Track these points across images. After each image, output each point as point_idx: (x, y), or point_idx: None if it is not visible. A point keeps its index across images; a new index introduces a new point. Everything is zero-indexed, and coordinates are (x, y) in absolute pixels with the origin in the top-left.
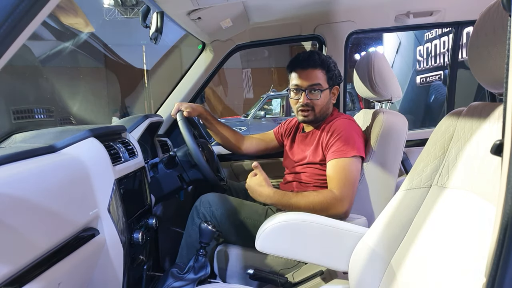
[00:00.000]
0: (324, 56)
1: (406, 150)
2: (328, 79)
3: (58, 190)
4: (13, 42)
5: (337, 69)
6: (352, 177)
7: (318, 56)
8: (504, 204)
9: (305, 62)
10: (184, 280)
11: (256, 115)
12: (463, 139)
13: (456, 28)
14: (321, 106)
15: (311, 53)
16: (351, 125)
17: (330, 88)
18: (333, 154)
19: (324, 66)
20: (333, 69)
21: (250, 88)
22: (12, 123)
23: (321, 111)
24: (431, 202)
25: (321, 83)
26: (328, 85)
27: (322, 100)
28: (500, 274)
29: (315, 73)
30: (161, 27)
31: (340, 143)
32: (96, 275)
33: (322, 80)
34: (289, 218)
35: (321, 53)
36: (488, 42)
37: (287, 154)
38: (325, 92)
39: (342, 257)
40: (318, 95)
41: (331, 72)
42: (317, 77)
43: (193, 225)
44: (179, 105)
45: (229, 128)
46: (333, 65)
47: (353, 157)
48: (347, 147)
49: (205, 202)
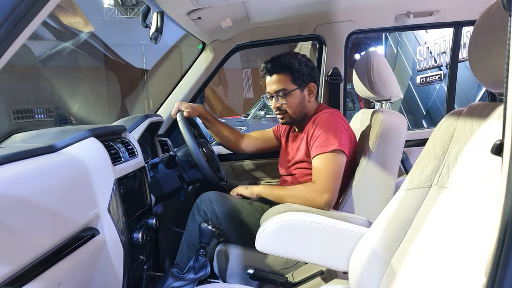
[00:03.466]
0: (286, 57)
1: (406, 150)
2: (294, 79)
3: (58, 190)
4: (13, 42)
5: (304, 67)
6: (332, 169)
7: (278, 60)
8: (504, 204)
9: (267, 69)
10: (184, 280)
11: (256, 115)
12: (463, 139)
13: (456, 28)
14: (293, 107)
15: (271, 60)
16: (333, 118)
17: (301, 87)
18: (315, 150)
19: (286, 68)
20: (299, 68)
21: (250, 88)
22: (12, 123)
23: (296, 111)
24: (431, 202)
25: (285, 86)
26: (295, 85)
27: (292, 102)
28: (500, 274)
29: (278, 78)
30: (161, 27)
31: (321, 139)
32: (96, 275)
33: (286, 83)
34: (289, 218)
35: (284, 55)
36: (488, 42)
37: (282, 153)
38: (293, 94)
39: (342, 257)
40: (285, 99)
41: (296, 72)
42: (280, 82)
43: (194, 222)
44: (179, 105)
45: (229, 128)
46: (299, 63)
47: (333, 151)
48: (328, 142)
49: (206, 199)
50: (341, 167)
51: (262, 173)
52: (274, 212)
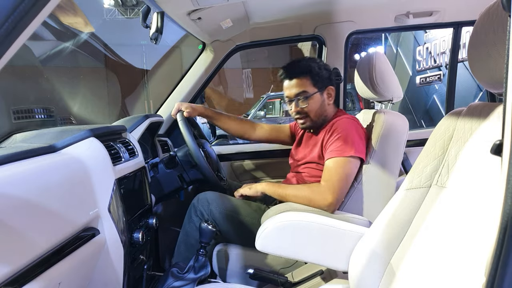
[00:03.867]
0: (305, 61)
1: (406, 150)
2: (315, 83)
3: (58, 190)
4: (13, 42)
5: (324, 70)
6: (343, 174)
7: (298, 63)
8: (504, 204)
9: (288, 72)
10: (184, 279)
11: (256, 115)
12: (463, 139)
13: (456, 28)
14: (314, 110)
15: (291, 63)
16: (352, 125)
17: (321, 90)
18: (330, 153)
19: (306, 72)
20: (318, 71)
21: (250, 88)
22: (12, 123)
23: (317, 115)
24: (430, 202)
25: (306, 89)
26: (316, 88)
27: (313, 105)
28: (500, 274)
29: (299, 82)
30: (161, 27)
31: (338, 143)
32: (96, 275)
33: (308, 86)
34: (290, 218)
35: (303, 59)
36: (488, 42)
37: (293, 152)
38: (314, 97)
39: (342, 257)
40: (306, 102)
41: (316, 75)
42: (301, 85)
43: (190, 222)
44: (179, 105)
45: (235, 119)
46: (318, 67)
47: (349, 157)
48: (345, 147)
49: (203, 200)
50: (352, 173)
51: (262, 173)
52: (274, 212)
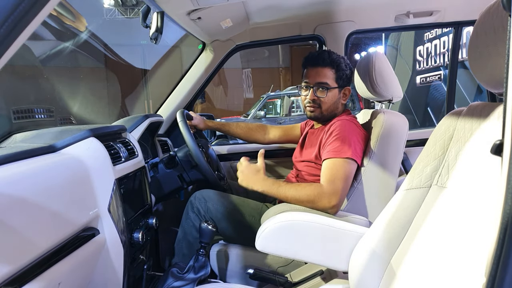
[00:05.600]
0: (336, 55)
1: (406, 150)
2: (338, 78)
3: (58, 190)
4: (13, 42)
5: (348, 69)
6: (342, 174)
7: (329, 55)
8: (504, 204)
9: (315, 60)
10: (184, 279)
11: (256, 115)
12: (463, 139)
13: (456, 28)
14: (328, 104)
15: (322, 52)
16: (350, 126)
17: (340, 88)
18: (328, 153)
19: (333, 65)
20: (344, 69)
21: (250, 88)
22: (12, 123)
23: (328, 109)
24: (431, 202)
25: (328, 82)
26: (337, 84)
27: (329, 98)
28: (500, 274)
29: (323, 71)
30: (161, 27)
31: (336, 143)
32: (96, 275)
33: (331, 79)
34: (290, 218)
35: (334, 53)
36: (488, 42)
37: (296, 150)
38: (333, 91)
39: (342, 257)
40: (325, 93)
41: (341, 71)
42: (325, 76)
43: (187, 219)
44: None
45: (244, 126)
46: (345, 65)
47: (346, 159)
48: (343, 148)
49: (200, 197)
50: (351, 174)
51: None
52: (274, 212)
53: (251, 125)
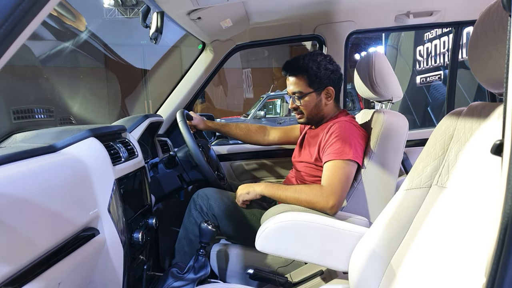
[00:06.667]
0: (305, 60)
1: (406, 150)
2: (311, 82)
3: (58, 190)
4: (13, 42)
5: (323, 70)
6: (342, 176)
7: (296, 62)
8: (504, 204)
9: (285, 70)
10: (184, 280)
11: (256, 115)
12: (463, 139)
13: (456, 28)
14: (309, 109)
15: (291, 61)
16: (350, 128)
17: (317, 90)
18: (328, 155)
19: (302, 71)
20: (317, 71)
21: (250, 88)
22: (12, 123)
23: (312, 113)
24: (431, 202)
25: (301, 89)
26: (312, 88)
27: (308, 103)
28: (500, 274)
29: (295, 80)
30: (161, 27)
31: (336, 145)
32: (96, 275)
33: (303, 86)
34: (290, 218)
35: (304, 57)
36: (488, 42)
37: (295, 151)
38: (309, 96)
39: (342, 257)
40: (300, 101)
41: (313, 75)
42: (297, 84)
43: (190, 217)
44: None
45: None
46: (317, 66)
47: (347, 160)
48: (343, 150)
49: (203, 195)
50: (351, 175)
51: (262, 173)
52: (274, 212)
53: (251, 126)
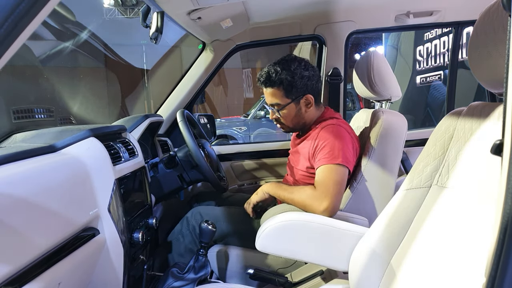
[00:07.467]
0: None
1: (406, 150)
2: (287, 93)
3: (58, 189)
4: (13, 42)
5: (298, 79)
6: (335, 178)
7: (268, 75)
8: (504, 204)
9: (262, 83)
10: (184, 280)
11: (256, 115)
12: (463, 139)
13: (456, 28)
14: (289, 119)
15: (265, 73)
16: (338, 131)
17: (295, 100)
18: (319, 161)
19: (276, 83)
20: (291, 81)
21: (250, 88)
22: (12, 122)
23: (293, 123)
24: (431, 202)
25: (278, 101)
26: (289, 99)
27: (288, 114)
28: (500, 274)
29: (272, 93)
30: (161, 27)
31: (325, 150)
32: (96, 275)
33: (280, 98)
34: (290, 218)
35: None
36: (488, 42)
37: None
38: (287, 107)
39: (342, 257)
40: (280, 113)
41: (289, 86)
42: (274, 96)
43: (179, 234)
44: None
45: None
46: (292, 76)
47: (337, 165)
48: (332, 154)
49: (197, 214)
50: (344, 178)
51: (262, 173)
52: (274, 212)
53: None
